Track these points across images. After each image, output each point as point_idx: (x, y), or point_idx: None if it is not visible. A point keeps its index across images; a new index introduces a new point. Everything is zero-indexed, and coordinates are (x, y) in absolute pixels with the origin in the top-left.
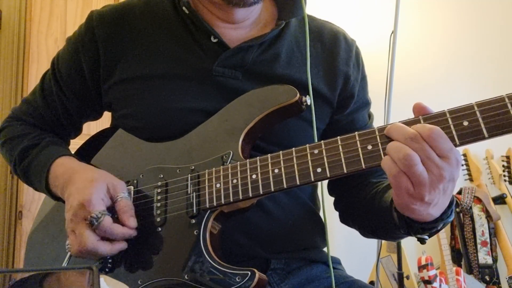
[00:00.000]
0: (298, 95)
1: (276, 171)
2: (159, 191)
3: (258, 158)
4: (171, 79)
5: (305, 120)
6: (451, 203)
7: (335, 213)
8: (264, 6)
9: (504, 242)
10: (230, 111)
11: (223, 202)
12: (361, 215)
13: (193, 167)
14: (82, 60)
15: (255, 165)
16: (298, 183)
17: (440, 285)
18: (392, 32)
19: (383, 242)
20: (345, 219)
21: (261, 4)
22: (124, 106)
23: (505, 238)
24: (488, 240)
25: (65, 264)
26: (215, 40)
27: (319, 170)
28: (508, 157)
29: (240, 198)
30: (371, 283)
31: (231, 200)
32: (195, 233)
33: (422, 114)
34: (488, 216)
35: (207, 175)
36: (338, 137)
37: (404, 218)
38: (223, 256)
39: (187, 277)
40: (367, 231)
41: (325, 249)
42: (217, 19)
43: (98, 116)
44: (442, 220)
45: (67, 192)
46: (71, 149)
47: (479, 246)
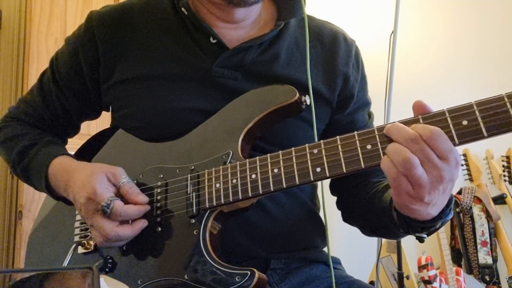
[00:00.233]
0: (298, 95)
1: (275, 171)
2: (159, 191)
3: (257, 158)
4: (170, 80)
5: (304, 120)
6: (450, 202)
7: (335, 213)
8: (263, 6)
9: (504, 242)
10: (229, 111)
11: (222, 202)
12: (361, 214)
13: (192, 167)
14: (81, 60)
15: (254, 165)
16: (298, 182)
17: (440, 285)
18: (392, 32)
19: (383, 242)
20: (346, 218)
21: (260, 4)
22: (124, 106)
23: (505, 238)
24: (488, 240)
25: (65, 264)
26: (214, 41)
27: (318, 169)
28: (508, 157)
29: (240, 198)
30: (371, 283)
31: (231, 200)
32: (195, 233)
33: (421, 113)
34: (488, 216)
35: (206, 175)
36: (338, 136)
37: (403, 218)
38: (223, 256)
39: (187, 277)
40: (368, 230)
41: (325, 249)
42: (216, 19)
43: (96, 115)
44: (440, 219)
45: (72, 193)
46: (71, 149)
47: (479, 246)
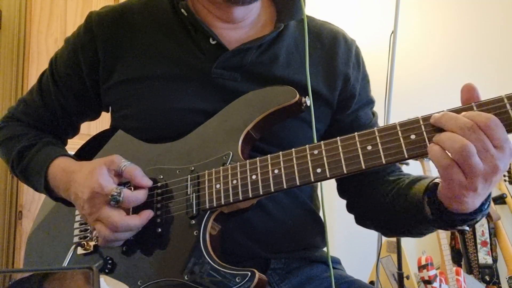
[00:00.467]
0: (298, 95)
1: (276, 171)
2: (159, 191)
3: (258, 158)
4: (170, 80)
5: (304, 121)
6: (489, 194)
7: (335, 213)
8: (263, 6)
9: (504, 242)
10: (229, 112)
11: (223, 203)
12: (381, 214)
13: (193, 168)
14: (81, 60)
15: (255, 165)
16: (298, 183)
17: (440, 285)
18: (392, 32)
19: (383, 242)
20: (361, 221)
21: (259, 3)
22: (124, 107)
23: (505, 238)
24: (488, 240)
25: (65, 264)
26: (214, 42)
27: (319, 170)
28: None
29: (240, 198)
30: (371, 283)
31: (231, 200)
32: (195, 233)
33: (470, 97)
34: (488, 216)
35: (207, 175)
36: (338, 137)
37: (441, 212)
38: (223, 256)
39: (187, 277)
40: (388, 229)
41: (325, 249)
42: (216, 19)
43: (96, 116)
44: (481, 211)
45: (74, 192)
46: (71, 149)
47: (479, 246)
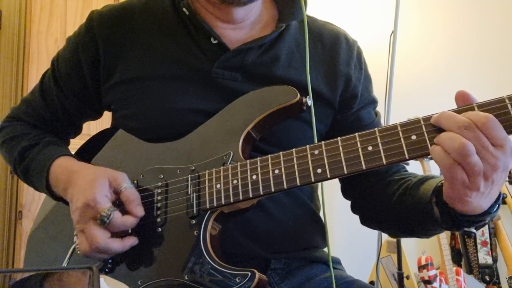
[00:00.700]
0: (299, 96)
1: (276, 171)
2: (159, 191)
3: (258, 158)
4: (171, 80)
5: (305, 122)
6: (498, 196)
7: (335, 213)
8: (264, 6)
9: (504, 242)
10: (230, 111)
11: (223, 203)
12: (388, 214)
13: (193, 168)
14: (82, 60)
15: (255, 165)
16: (299, 183)
17: (440, 285)
18: (392, 32)
19: (383, 242)
20: (366, 222)
21: (259, 3)
22: (124, 107)
23: (505, 238)
24: (488, 240)
25: (65, 264)
26: (215, 42)
27: (319, 170)
28: None
29: (241, 198)
30: (371, 283)
31: (231, 200)
32: (195, 233)
33: (465, 103)
34: None
35: (207, 175)
36: (338, 138)
37: (449, 213)
38: (223, 256)
39: (187, 277)
40: (395, 230)
41: (325, 249)
42: (216, 20)
43: (98, 116)
44: (489, 214)
45: (70, 194)
46: (71, 149)
47: (479, 246)
